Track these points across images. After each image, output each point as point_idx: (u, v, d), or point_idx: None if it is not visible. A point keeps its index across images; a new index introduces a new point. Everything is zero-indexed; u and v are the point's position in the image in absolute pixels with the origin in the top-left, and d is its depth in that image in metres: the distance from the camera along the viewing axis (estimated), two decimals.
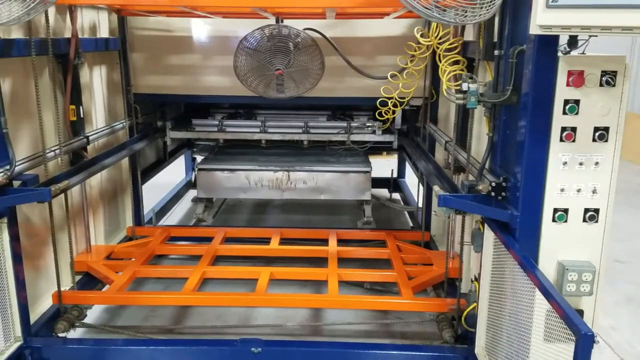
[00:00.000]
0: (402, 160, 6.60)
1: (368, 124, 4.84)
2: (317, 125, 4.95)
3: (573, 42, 2.20)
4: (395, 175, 6.54)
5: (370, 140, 4.91)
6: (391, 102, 4.01)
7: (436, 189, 2.97)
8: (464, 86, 2.59)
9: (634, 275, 4.82)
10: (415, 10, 2.19)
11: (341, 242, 4.46)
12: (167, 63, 4.52)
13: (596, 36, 2.06)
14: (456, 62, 3.20)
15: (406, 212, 6.05)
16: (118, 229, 4.72)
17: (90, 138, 3.77)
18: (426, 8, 2.17)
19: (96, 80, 4.15)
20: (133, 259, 4.07)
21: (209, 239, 4.50)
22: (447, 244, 3.52)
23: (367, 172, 4.77)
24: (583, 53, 2.31)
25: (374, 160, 5.16)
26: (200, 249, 4.29)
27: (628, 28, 1.95)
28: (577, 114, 2.27)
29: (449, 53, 3.18)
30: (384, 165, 6.31)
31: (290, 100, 4.17)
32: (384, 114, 4.15)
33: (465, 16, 2.20)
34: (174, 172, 6.39)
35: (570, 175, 2.35)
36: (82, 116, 3.74)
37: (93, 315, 3.75)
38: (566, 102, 2.27)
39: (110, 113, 4.37)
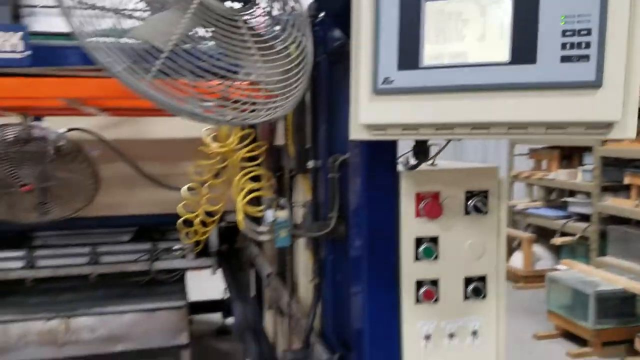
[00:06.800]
0: None
1: (176, 247, 3.73)
2: (111, 251, 3.75)
3: (422, 150, 1.39)
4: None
5: (181, 267, 3.79)
6: (197, 220, 3.00)
7: None
8: (268, 215, 1.67)
9: None
10: (162, 105, 1.24)
11: None
12: None
13: (458, 140, 1.26)
14: (257, 178, 2.21)
15: None
16: None
17: None
18: (179, 101, 1.23)
19: None
20: None
21: None
22: None
23: (181, 307, 3.62)
24: (433, 164, 1.52)
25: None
26: None
27: (488, 125, 1.11)
28: (436, 258, 1.44)
29: (249, 163, 2.23)
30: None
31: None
32: (194, 234, 3.12)
33: (251, 112, 1.30)
34: None
35: (438, 355, 1.47)
36: None
37: None
38: (418, 241, 1.43)
39: None
